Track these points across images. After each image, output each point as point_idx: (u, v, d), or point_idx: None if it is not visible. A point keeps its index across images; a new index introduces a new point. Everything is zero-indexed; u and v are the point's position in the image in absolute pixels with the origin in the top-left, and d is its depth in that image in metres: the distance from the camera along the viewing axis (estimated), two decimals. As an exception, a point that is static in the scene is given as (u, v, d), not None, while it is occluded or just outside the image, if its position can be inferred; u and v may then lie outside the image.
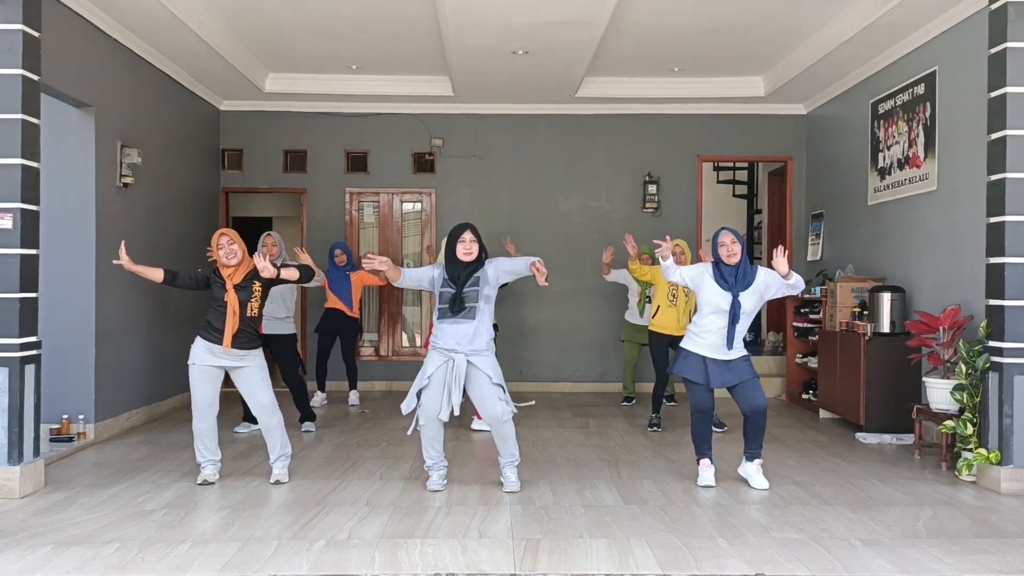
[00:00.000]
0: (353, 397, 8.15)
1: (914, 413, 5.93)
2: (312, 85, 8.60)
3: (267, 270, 4.84)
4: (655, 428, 6.82)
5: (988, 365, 5.06)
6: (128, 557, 3.73)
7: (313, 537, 4.01)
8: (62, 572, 3.56)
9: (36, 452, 4.94)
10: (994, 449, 4.97)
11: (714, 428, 6.62)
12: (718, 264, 4.92)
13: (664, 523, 4.25)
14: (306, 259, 5.73)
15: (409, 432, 4.99)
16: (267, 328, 6.30)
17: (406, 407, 4.86)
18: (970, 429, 5.12)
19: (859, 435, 6.53)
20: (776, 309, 9.89)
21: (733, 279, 4.84)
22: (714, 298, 4.87)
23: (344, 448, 6.09)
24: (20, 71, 4.78)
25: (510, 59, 7.42)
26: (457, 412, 4.75)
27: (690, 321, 6.34)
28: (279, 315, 6.58)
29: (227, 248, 4.92)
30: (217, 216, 9.06)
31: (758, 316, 10.27)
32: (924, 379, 5.91)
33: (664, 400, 8.12)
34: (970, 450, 5.12)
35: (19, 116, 4.78)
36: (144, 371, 7.17)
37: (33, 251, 4.93)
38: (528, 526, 4.19)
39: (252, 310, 4.96)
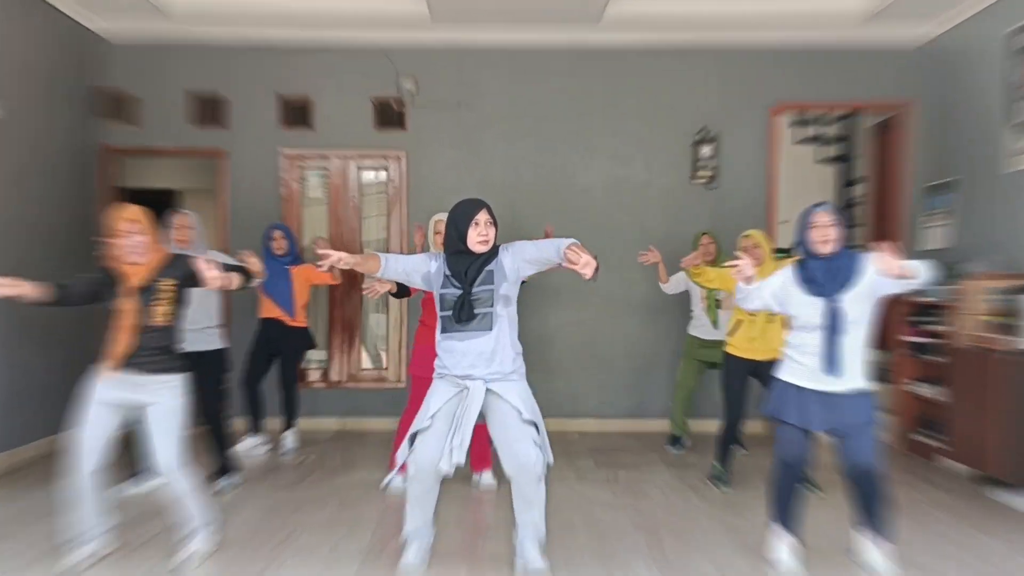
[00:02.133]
0: (289, 439, 8.07)
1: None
2: (233, 4, 8.56)
3: (215, 280, 4.76)
4: (720, 484, 6.75)
5: None
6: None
7: (230, 638, 3.93)
8: None
9: None
10: None
11: (808, 488, 6.55)
12: (804, 258, 4.86)
13: (728, 618, 4.18)
14: (255, 264, 5.42)
15: (383, 484, 4.92)
16: (188, 343, 6.21)
17: (401, 457, 4.79)
18: None
19: (998, 494, 6.49)
20: (882, 318, 9.82)
21: (823, 277, 4.75)
22: (803, 310, 4.80)
23: (279, 511, 6.06)
24: None
25: (510, -32, 7.37)
26: (462, 460, 4.60)
27: (778, 338, 6.31)
28: (201, 324, 6.47)
29: (132, 238, 4.82)
30: (92, 186, 8.96)
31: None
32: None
33: (736, 447, 8.07)
34: None
35: None
36: (-3, 403, 7.09)
37: None
38: (535, 622, 4.12)
39: (157, 316, 4.88)
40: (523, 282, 4.86)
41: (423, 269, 4.74)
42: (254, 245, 8.42)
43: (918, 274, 4.55)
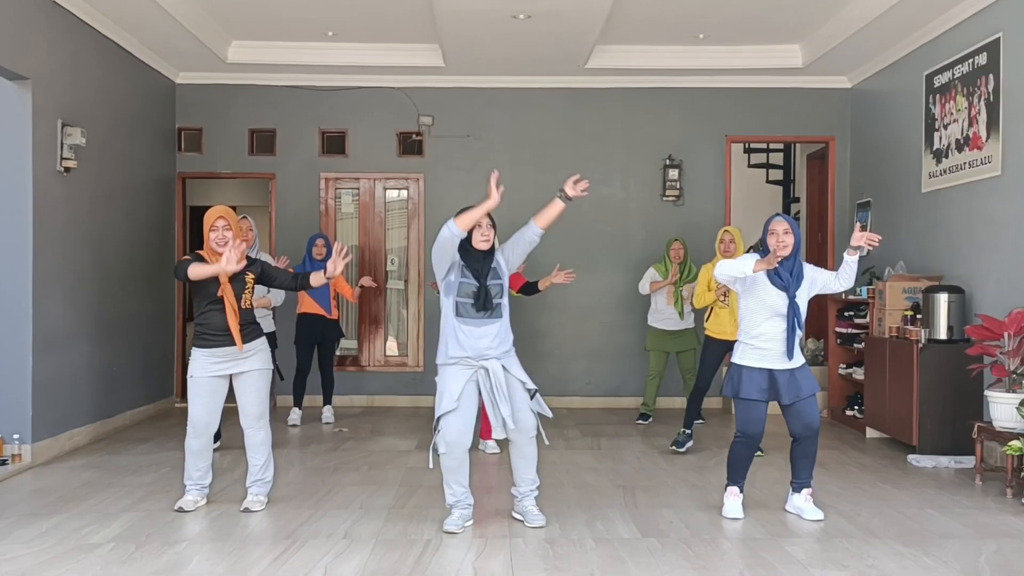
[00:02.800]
0: (327, 413, 8.15)
1: (975, 432, 5.93)
2: (282, 55, 8.60)
3: (229, 263, 4.70)
4: (680, 449, 6.75)
5: (1060, 377, 5.06)
6: (70, 598, 3.73)
7: (283, 575, 4.00)
8: (-7, 616, 3.56)
9: (-36, 477, 4.94)
10: (1067, 474, 4.97)
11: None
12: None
13: (687, 559, 4.25)
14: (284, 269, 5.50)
15: (430, 465, 4.90)
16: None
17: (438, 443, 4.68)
18: (1040, 450, 5.12)
19: (911, 457, 6.53)
20: (816, 312, 9.88)
21: (788, 276, 4.81)
22: (771, 300, 4.82)
23: (319, 472, 6.09)
24: (-55, 38, 4.77)
25: (510, 24, 7.42)
26: (513, 424, 4.60)
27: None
28: (260, 312, 6.57)
29: (220, 232, 4.88)
30: (173, 205, 9.06)
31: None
32: (986, 393, 5.91)
33: (643, 419, 8.12)
34: (1040, 475, 5.11)
35: (-56, 90, 4.78)
36: (90, 384, 7.16)
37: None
38: (530, 563, 4.18)
39: (247, 302, 4.99)
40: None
41: (454, 257, 4.59)
42: (297, 250, 8.55)
43: (849, 270, 4.87)
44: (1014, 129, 6.31)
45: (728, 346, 6.58)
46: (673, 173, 9.18)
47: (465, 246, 4.62)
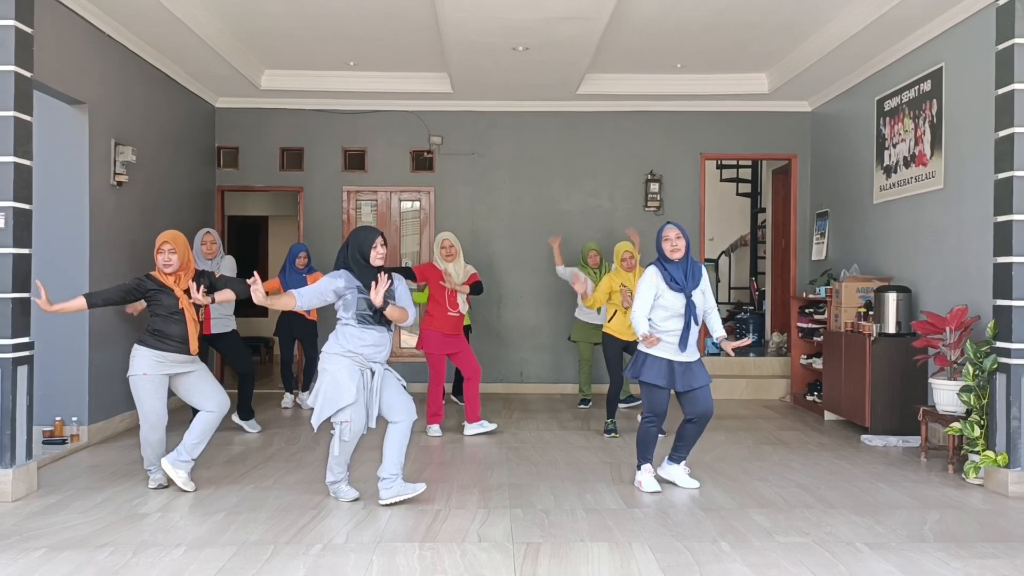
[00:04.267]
0: (309, 399, 8.11)
1: (920, 415, 5.93)
2: (309, 82, 8.60)
3: (199, 299, 4.86)
4: (613, 434, 6.64)
5: (995, 366, 5.06)
6: (122, 561, 3.73)
7: (309, 541, 4.01)
8: (55, 577, 3.57)
9: (29, 455, 4.94)
10: (1001, 452, 4.97)
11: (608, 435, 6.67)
12: (663, 262, 4.86)
13: (667, 527, 4.25)
14: (258, 291, 4.69)
15: (315, 431, 4.86)
16: (214, 327, 6.56)
17: (317, 422, 4.68)
18: (977, 431, 5.12)
19: (864, 437, 6.53)
20: (781, 309, 9.89)
21: (683, 278, 4.80)
22: (669, 302, 4.80)
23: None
24: (12, 67, 4.77)
25: (510, 55, 7.42)
26: (373, 424, 4.65)
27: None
28: (224, 312, 6.68)
29: (166, 255, 4.88)
30: (213, 215, 9.06)
31: (761, 317, 10.26)
32: (930, 380, 5.91)
33: (627, 402, 8.11)
34: (977, 452, 5.12)
35: (11, 113, 4.78)
36: (138, 372, 7.15)
37: (26, 250, 4.93)
38: (528, 530, 4.19)
39: (202, 314, 5.07)
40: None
41: (331, 286, 4.51)
42: (321, 255, 8.57)
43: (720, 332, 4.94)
44: (955, 148, 6.31)
45: (623, 344, 6.55)
46: (654, 186, 9.18)
47: (363, 266, 4.56)
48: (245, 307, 6.99)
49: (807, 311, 8.24)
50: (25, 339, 4.91)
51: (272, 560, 3.75)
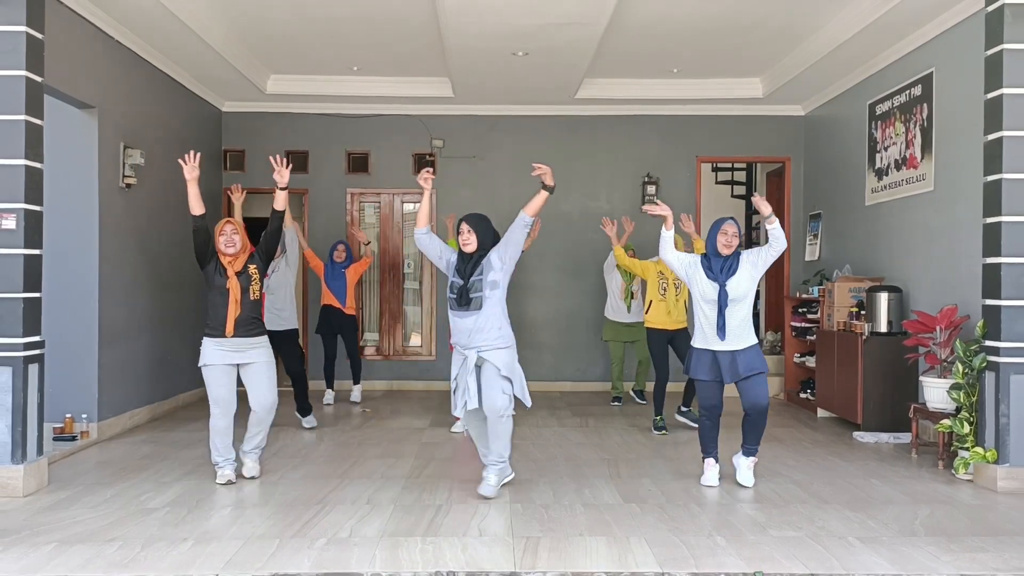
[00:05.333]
0: (355, 393, 8.17)
1: (911, 412, 5.94)
2: (313, 86, 8.60)
3: (281, 177, 4.96)
4: (663, 431, 6.61)
5: (985, 364, 5.07)
6: (131, 555, 3.73)
7: (315, 535, 4.01)
8: (65, 570, 3.57)
9: (39, 451, 4.94)
10: (991, 448, 4.97)
11: (687, 420, 6.71)
12: (709, 255, 4.90)
13: (663, 521, 4.26)
14: (282, 172, 5.14)
15: (464, 433, 4.94)
16: (269, 324, 6.31)
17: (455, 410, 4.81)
18: (967, 428, 5.13)
19: (857, 434, 6.53)
20: (774, 308, 9.90)
21: (720, 269, 4.83)
22: (705, 290, 4.86)
23: (346, 447, 6.09)
24: (23, 72, 4.78)
25: (510, 60, 7.42)
26: (473, 404, 4.63)
27: (683, 313, 6.41)
28: (278, 308, 6.63)
29: (228, 236, 4.93)
30: (219, 216, 9.05)
31: (756, 316, 10.27)
32: (921, 378, 5.92)
33: (633, 395, 8.14)
34: (967, 449, 5.12)
35: (22, 117, 4.78)
36: (147, 370, 7.17)
37: (36, 251, 4.93)
38: (528, 524, 4.19)
39: (254, 293, 4.96)
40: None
41: (447, 256, 4.76)
42: (324, 255, 8.55)
43: (779, 232, 4.75)
44: (945, 151, 6.32)
45: (667, 335, 6.58)
46: (651, 188, 9.18)
47: (459, 249, 4.71)
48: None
49: (800, 310, 8.25)
50: (36, 338, 4.91)
51: (277, 554, 3.75)
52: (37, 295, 4.94)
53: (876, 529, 4.15)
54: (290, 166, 5.10)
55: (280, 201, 5.06)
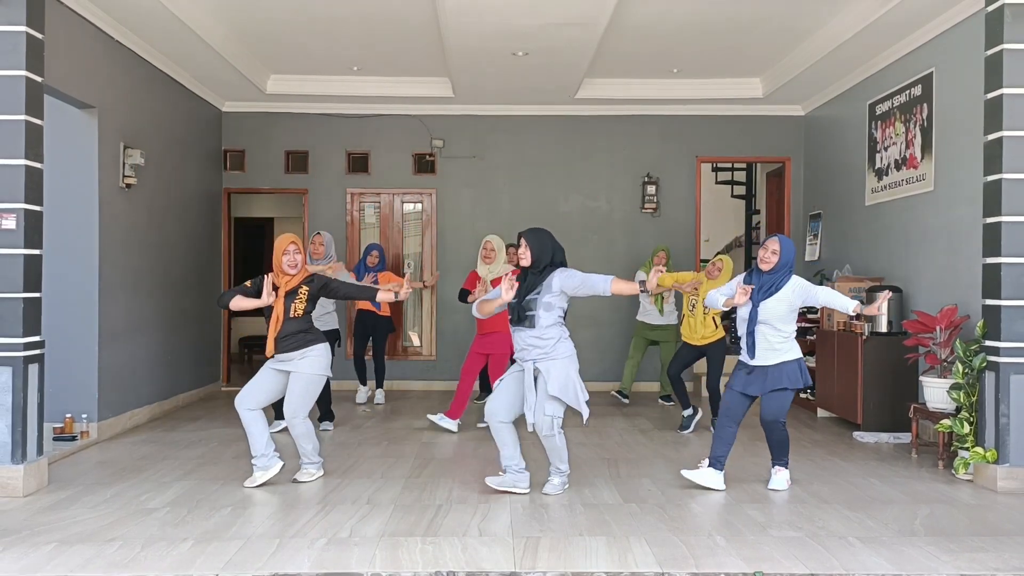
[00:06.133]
0: (379, 395, 8.19)
1: (911, 412, 5.93)
2: (313, 86, 8.60)
3: (403, 293, 4.94)
4: (687, 431, 6.70)
5: (985, 364, 5.07)
6: (130, 555, 3.73)
7: (314, 535, 4.01)
8: (65, 570, 3.57)
9: (39, 451, 4.94)
10: (991, 448, 4.97)
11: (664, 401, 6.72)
12: (751, 271, 4.93)
13: (663, 521, 4.25)
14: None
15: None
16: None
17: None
18: (967, 428, 5.12)
19: (856, 434, 6.53)
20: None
21: (759, 288, 4.79)
22: (742, 309, 4.88)
23: (347, 447, 6.09)
24: (23, 72, 4.78)
25: (510, 60, 7.42)
26: (532, 420, 4.63)
27: (710, 328, 6.46)
28: (320, 312, 6.54)
29: (292, 256, 4.86)
30: (219, 216, 9.06)
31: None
32: (921, 378, 5.91)
33: (667, 400, 8.15)
34: (967, 449, 5.12)
35: (22, 117, 4.78)
36: (147, 370, 7.17)
37: (36, 251, 4.93)
38: (528, 524, 4.19)
39: (296, 311, 4.88)
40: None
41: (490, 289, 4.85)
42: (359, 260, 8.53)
43: (853, 306, 4.68)
44: (945, 151, 6.32)
45: (698, 351, 6.63)
46: (651, 189, 9.17)
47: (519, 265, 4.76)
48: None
49: (800, 310, 8.22)
50: (36, 338, 4.91)
51: (278, 553, 3.75)
52: (37, 295, 4.94)
53: (876, 529, 4.15)
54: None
55: (385, 297, 5.00)
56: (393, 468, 5.42)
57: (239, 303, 4.88)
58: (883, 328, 6.57)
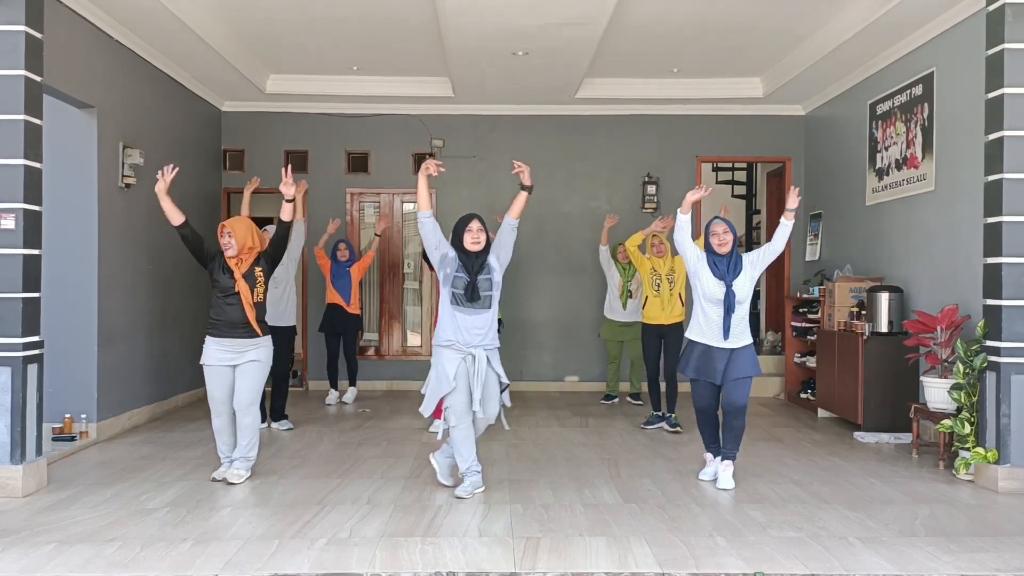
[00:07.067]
0: (350, 395, 8.18)
1: (912, 412, 5.94)
2: (313, 86, 8.60)
3: (287, 188, 4.95)
4: (677, 429, 6.69)
5: (985, 364, 5.07)
6: (130, 555, 3.73)
7: (314, 535, 4.01)
8: (65, 571, 3.57)
9: (39, 451, 4.94)
10: (991, 448, 4.97)
11: (668, 428, 6.69)
12: (710, 254, 4.96)
13: (663, 521, 4.26)
14: (288, 184, 5.10)
15: (440, 437, 4.96)
16: (269, 319, 6.33)
17: (426, 411, 4.74)
18: (967, 428, 5.13)
19: (857, 434, 6.53)
20: (775, 309, 9.89)
21: (726, 268, 4.87)
22: (710, 287, 4.90)
23: (345, 447, 6.09)
24: (22, 72, 4.78)
25: (510, 60, 7.42)
26: (490, 411, 4.67)
27: (678, 307, 6.47)
28: (277, 302, 6.58)
29: (227, 239, 4.93)
30: (219, 216, 9.05)
31: (756, 316, 10.27)
32: (922, 378, 5.92)
33: (630, 399, 8.17)
34: (967, 449, 5.12)
35: (21, 117, 4.78)
36: (146, 370, 7.17)
37: (35, 251, 4.93)
38: (528, 525, 4.19)
39: (258, 295, 5.00)
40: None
41: (444, 249, 4.67)
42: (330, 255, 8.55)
43: (787, 229, 4.91)
44: (946, 151, 6.32)
45: (661, 331, 6.69)
46: (651, 188, 9.17)
47: (460, 247, 4.66)
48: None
49: (801, 310, 8.24)
50: (35, 338, 4.91)
51: (277, 554, 3.75)
52: (36, 295, 4.94)
53: (876, 529, 4.15)
54: (291, 179, 5.07)
55: (287, 212, 5.05)
56: (393, 468, 5.42)
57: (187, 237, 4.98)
58: (884, 328, 6.57)
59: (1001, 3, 4.96)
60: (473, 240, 4.64)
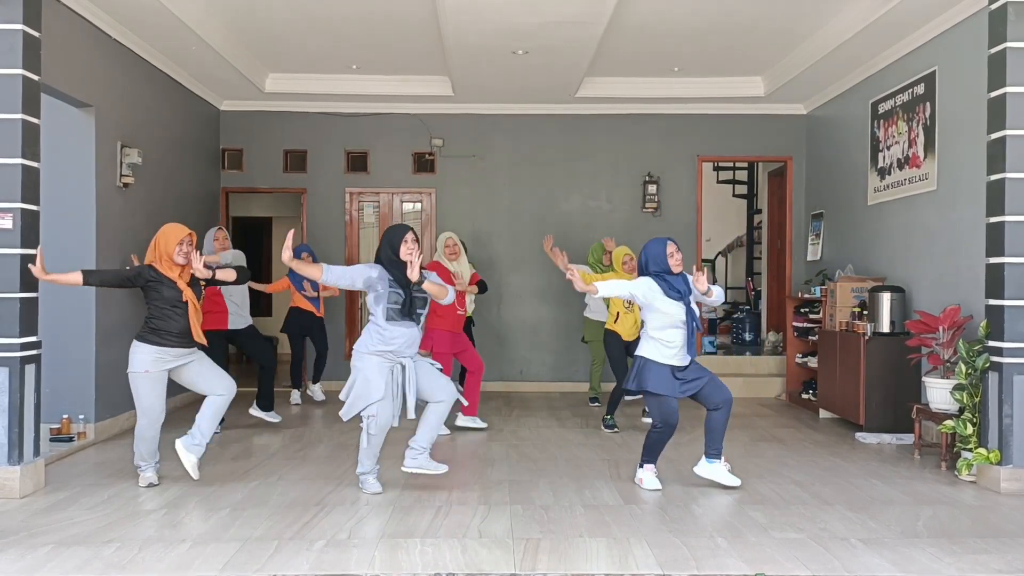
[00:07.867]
0: (317, 391, 8.22)
1: (914, 413, 5.93)
2: (312, 85, 8.60)
3: (200, 271, 4.85)
4: (614, 429, 6.72)
5: (988, 365, 5.06)
6: (128, 557, 3.73)
7: (313, 537, 4.01)
8: (62, 572, 3.56)
9: (36, 452, 4.94)
10: (994, 449, 4.97)
11: (606, 428, 6.73)
12: (661, 275, 4.78)
13: (664, 523, 4.25)
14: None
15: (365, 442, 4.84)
16: (232, 322, 6.57)
17: (347, 416, 4.72)
18: (970, 429, 5.12)
19: (859, 435, 6.53)
20: (776, 309, 9.89)
21: (683, 288, 4.78)
22: (672, 311, 4.73)
23: (345, 447, 6.08)
24: (20, 71, 4.77)
25: (510, 59, 7.42)
26: (413, 415, 4.73)
27: (639, 327, 6.40)
28: (238, 304, 6.65)
29: (186, 247, 4.86)
30: (217, 216, 9.05)
31: (757, 316, 10.27)
32: (924, 379, 5.91)
33: (590, 402, 8.16)
34: (970, 450, 5.12)
35: (19, 116, 4.78)
36: (144, 371, 7.14)
37: (33, 251, 4.92)
38: (528, 526, 4.19)
39: (200, 304, 5.05)
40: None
41: (364, 275, 4.62)
42: (326, 255, 8.55)
43: (717, 296, 4.90)
44: (948, 150, 6.31)
45: (626, 343, 6.63)
46: (652, 188, 9.17)
47: (394, 260, 4.63)
48: (252, 306, 7.04)
49: (802, 311, 8.24)
50: (33, 338, 4.91)
51: (276, 555, 3.75)
52: (34, 295, 4.94)
53: (878, 530, 4.15)
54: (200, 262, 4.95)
55: (222, 275, 5.02)
56: (392, 469, 5.40)
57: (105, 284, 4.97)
58: (886, 328, 6.56)
59: (1003, 2, 4.96)
60: (408, 251, 4.61)
